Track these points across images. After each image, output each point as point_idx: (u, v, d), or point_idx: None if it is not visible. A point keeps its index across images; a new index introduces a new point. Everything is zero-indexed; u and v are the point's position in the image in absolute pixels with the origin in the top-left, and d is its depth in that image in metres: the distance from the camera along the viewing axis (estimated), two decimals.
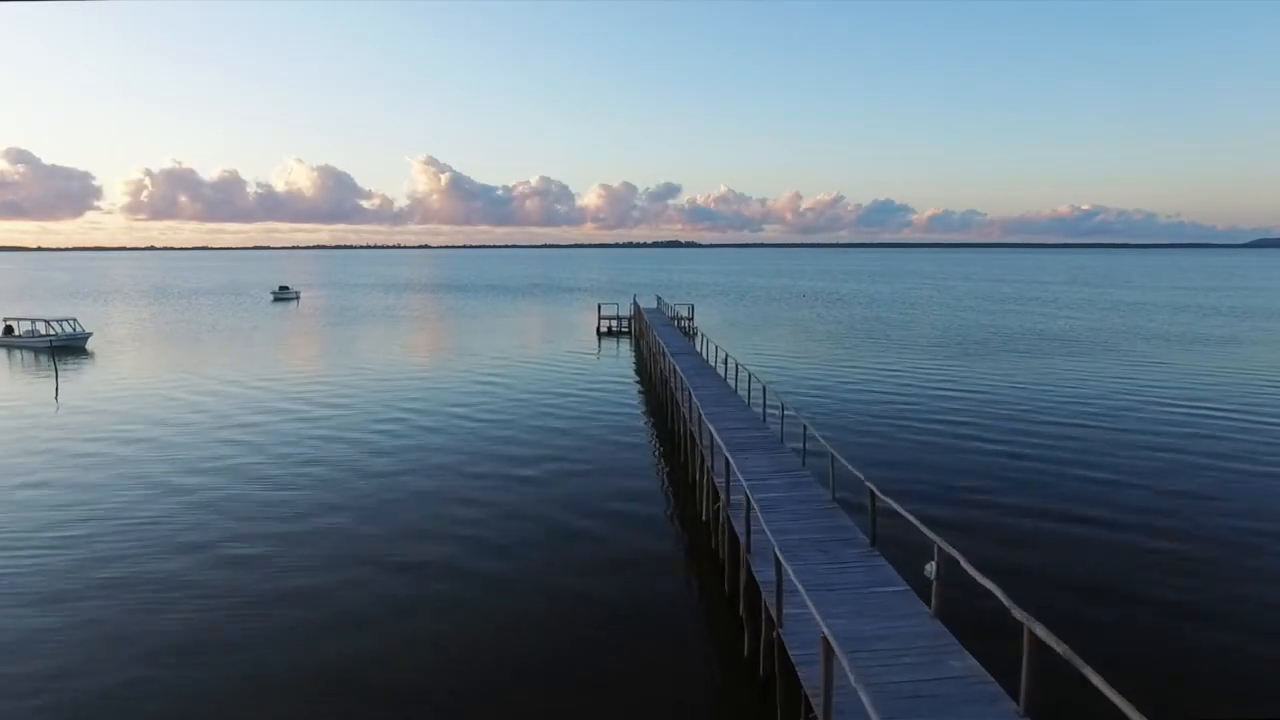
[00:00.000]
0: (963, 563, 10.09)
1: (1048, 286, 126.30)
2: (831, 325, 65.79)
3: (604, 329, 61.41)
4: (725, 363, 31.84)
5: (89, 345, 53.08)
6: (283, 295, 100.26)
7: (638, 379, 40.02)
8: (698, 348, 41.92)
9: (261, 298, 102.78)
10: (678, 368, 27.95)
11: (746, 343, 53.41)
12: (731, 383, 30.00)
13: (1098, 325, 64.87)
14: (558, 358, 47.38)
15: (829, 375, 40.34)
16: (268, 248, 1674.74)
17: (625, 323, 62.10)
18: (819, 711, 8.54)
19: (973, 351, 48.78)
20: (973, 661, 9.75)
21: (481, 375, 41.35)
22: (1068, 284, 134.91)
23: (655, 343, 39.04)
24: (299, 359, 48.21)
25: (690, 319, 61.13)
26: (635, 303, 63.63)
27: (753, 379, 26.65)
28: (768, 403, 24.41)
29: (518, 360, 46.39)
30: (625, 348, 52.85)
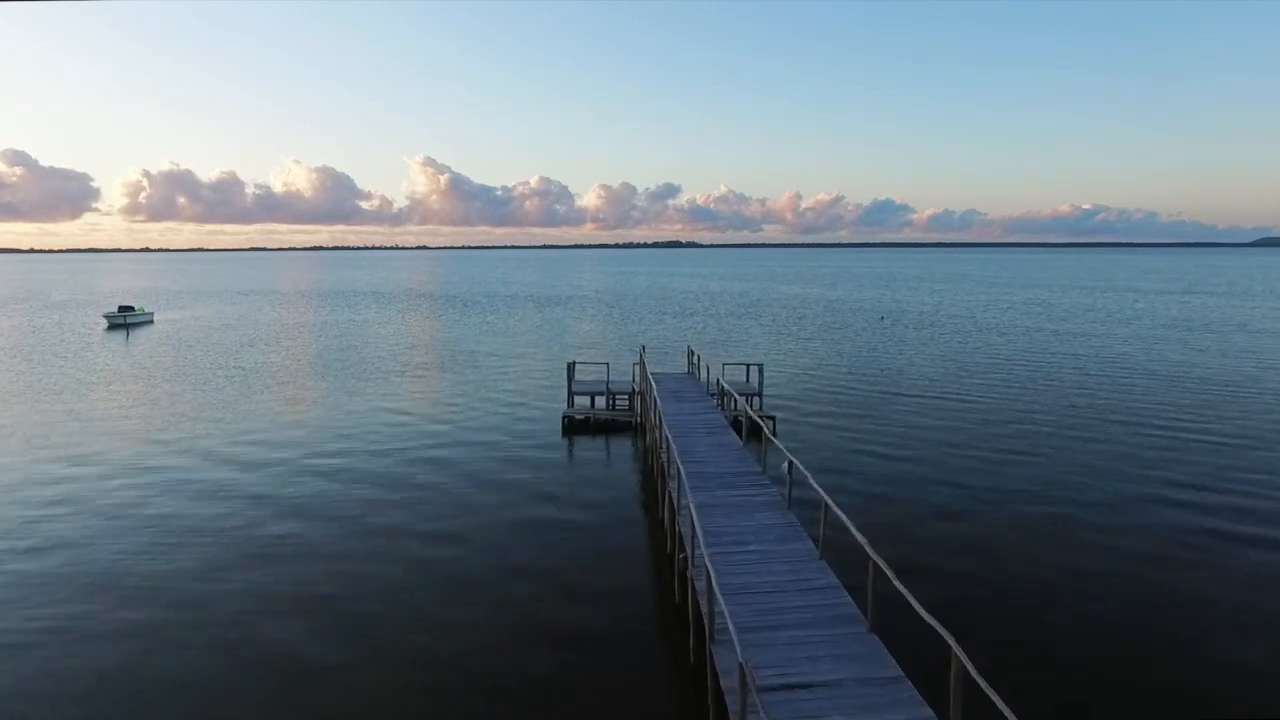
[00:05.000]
0: None
1: (1182, 299, 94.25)
2: (1012, 402, 34.08)
3: (579, 416, 29.52)
4: None
5: None
6: (120, 320, 67.73)
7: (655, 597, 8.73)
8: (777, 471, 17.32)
9: (99, 322, 70.82)
10: None
11: (906, 481, 21.99)
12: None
13: None
14: (471, 520, 15.92)
15: None
16: (265, 249, 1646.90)
17: (618, 402, 29.82)
18: None
19: None
20: None
21: (268, 575, 10.12)
22: (1188, 292, 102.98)
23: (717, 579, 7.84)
24: None
25: (759, 392, 29.55)
26: (643, 368, 27.77)
27: None
28: None
29: (365, 543, 14.86)
30: (621, 461, 21.61)
